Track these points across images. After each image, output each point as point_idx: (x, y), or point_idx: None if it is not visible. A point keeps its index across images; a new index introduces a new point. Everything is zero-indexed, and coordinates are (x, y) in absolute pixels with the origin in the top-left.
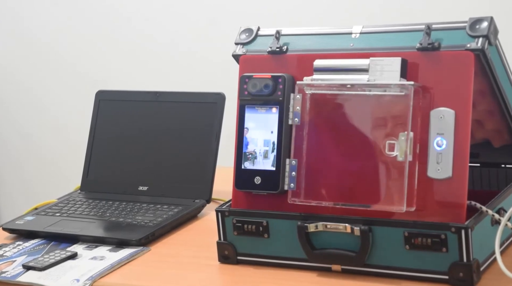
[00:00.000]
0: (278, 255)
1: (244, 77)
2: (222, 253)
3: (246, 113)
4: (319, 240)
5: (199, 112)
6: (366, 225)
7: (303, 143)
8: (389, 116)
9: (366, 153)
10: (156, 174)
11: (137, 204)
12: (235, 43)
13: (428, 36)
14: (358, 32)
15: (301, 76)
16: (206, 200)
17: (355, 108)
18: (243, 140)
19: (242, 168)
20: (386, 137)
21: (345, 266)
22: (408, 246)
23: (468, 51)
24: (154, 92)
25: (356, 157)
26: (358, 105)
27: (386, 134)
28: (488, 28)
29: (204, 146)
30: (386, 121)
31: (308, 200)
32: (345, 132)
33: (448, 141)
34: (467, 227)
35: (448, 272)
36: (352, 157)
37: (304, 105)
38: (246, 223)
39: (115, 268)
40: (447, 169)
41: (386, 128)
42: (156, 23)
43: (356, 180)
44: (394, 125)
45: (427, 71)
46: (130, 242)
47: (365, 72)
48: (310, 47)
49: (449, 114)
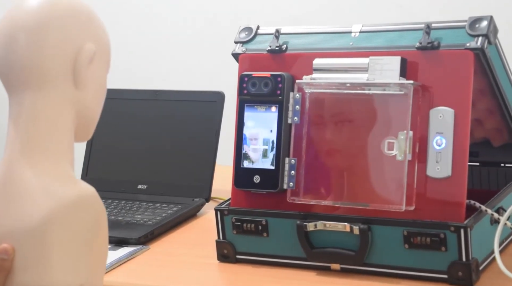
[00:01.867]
0: (277, 254)
1: (244, 76)
2: (221, 252)
3: (246, 112)
4: (318, 239)
5: (199, 111)
6: (365, 224)
7: (303, 142)
8: (389, 115)
9: (366, 152)
10: (155, 172)
11: (136, 203)
12: (234, 42)
13: (427, 35)
14: (358, 31)
15: (301, 75)
16: (205, 198)
17: (355, 107)
18: (242, 139)
19: (242, 167)
20: (385, 136)
21: (344, 265)
22: (407, 245)
23: (467, 50)
24: (154, 91)
25: (355, 156)
26: (357, 104)
27: (385, 133)
28: (487, 27)
29: (204, 145)
30: (386, 120)
31: (307, 199)
32: (344, 131)
33: (448, 141)
34: (466, 226)
35: (447, 271)
36: (351, 156)
37: (303, 104)
38: (245, 222)
39: (114, 267)
40: (447, 168)
41: (385, 127)
42: (156, 21)
43: (355, 179)
44: (393, 124)
45: (427, 70)
46: (129, 241)
47: (364, 71)
48: (309, 46)
49: (448, 114)
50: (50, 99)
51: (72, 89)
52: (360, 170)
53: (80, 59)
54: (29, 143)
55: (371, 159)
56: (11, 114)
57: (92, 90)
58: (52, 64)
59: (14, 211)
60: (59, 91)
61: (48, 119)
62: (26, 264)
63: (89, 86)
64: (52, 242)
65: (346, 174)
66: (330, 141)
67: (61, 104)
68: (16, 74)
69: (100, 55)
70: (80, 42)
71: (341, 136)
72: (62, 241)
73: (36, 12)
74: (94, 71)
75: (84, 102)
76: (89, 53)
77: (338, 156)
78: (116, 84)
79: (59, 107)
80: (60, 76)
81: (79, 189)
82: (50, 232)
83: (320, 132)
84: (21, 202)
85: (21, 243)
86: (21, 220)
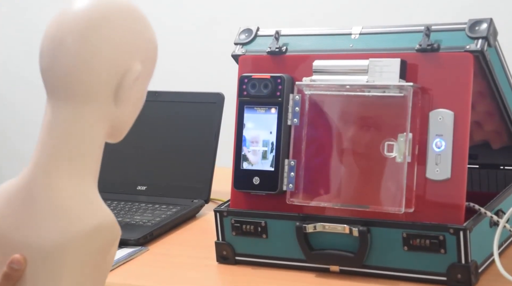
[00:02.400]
0: (276, 256)
1: (243, 77)
2: (221, 253)
3: (245, 114)
4: (318, 241)
5: (198, 112)
6: (365, 226)
7: (302, 144)
8: (388, 117)
9: (365, 154)
10: (154, 173)
11: (136, 204)
12: (234, 43)
13: (427, 37)
14: (358, 33)
15: (300, 77)
16: (204, 200)
17: (354, 109)
18: (242, 140)
19: (241, 168)
20: (385, 138)
21: (343, 267)
22: (406, 247)
23: (467, 52)
24: (154, 92)
25: (354, 157)
26: (357, 106)
27: (385, 135)
28: (487, 29)
29: (203, 146)
30: (385, 122)
31: (306, 201)
32: (344, 133)
33: (447, 143)
34: (465, 228)
35: (446, 274)
36: (351, 157)
37: (303, 106)
38: (245, 223)
39: (114, 268)
40: (446, 170)
41: (385, 129)
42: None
43: (354, 181)
44: (393, 127)
45: (426, 72)
46: (128, 242)
47: (364, 73)
48: (309, 48)
49: (448, 116)
50: (88, 115)
51: (111, 106)
52: (360, 171)
53: (127, 80)
54: (58, 157)
55: (370, 160)
56: (46, 121)
57: (131, 106)
58: (97, 79)
59: (34, 225)
60: (99, 108)
61: (81, 135)
62: (35, 280)
63: (129, 103)
64: (65, 266)
65: (345, 175)
66: (329, 143)
67: (98, 121)
68: (57, 82)
69: (145, 71)
70: (129, 60)
71: (341, 138)
72: (75, 266)
73: (87, 14)
74: (137, 89)
75: (121, 117)
76: (136, 74)
77: (337, 158)
78: None
79: (95, 124)
80: (103, 92)
81: (100, 216)
82: (65, 256)
83: (320, 134)
84: (42, 219)
85: (35, 259)
86: (38, 237)
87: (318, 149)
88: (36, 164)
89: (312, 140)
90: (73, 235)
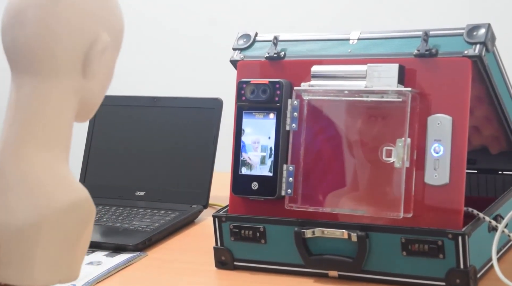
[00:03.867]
0: (275, 261)
1: (242, 82)
2: (219, 258)
3: (244, 119)
4: (316, 246)
5: (197, 117)
6: (363, 231)
7: (301, 149)
8: (387, 123)
9: (363, 159)
10: (153, 179)
11: (134, 209)
12: (232, 48)
13: (425, 43)
14: (356, 38)
15: (299, 82)
16: (203, 205)
17: (353, 115)
18: (240, 145)
19: (240, 173)
20: (383, 144)
21: (342, 272)
22: (405, 252)
23: (465, 57)
24: (152, 98)
25: (353, 163)
26: (355, 112)
27: (383, 141)
28: (485, 35)
29: (202, 151)
30: (383, 127)
31: (305, 206)
32: (342, 138)
33: (445, 148)
34: (464, 233)
35: (445, 279)
36: (349, 162)
37: (301, 111)
38: (243, 229)
39: (112, 273)
40: (444, 175)
41: (383, 135)
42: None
43: (353, 186)
44: (391, 132)
45: (425, 77)
46: (127, 247)
47: (362, 78)
48: (307, 53)
49: (446, 121)
50: (55, 88)
51: (79, 79)
52: (358, 177)
53: (94, 51)
54: (27, 133)
55: (369, 166)
56: (12, 98)
57: (99, 79)
58: (63, 48)
59: (5, 203)
60: (66, 81)
61: (50, 109)
62: (10, 259)
63: (97, 76)
64: (38, 243)
65: (343, 180)
66: (328, 148)
67: (66, 94)
68: (21, 55)
69: (113, 43)
70: (95, 30)
71: (339, 143)
72: (48, 243)
73: None
74: (104, 61)
75: (90, 91)
76: (104, 45)
77: (336, 163)
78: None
79: (63, 97)
80: (69, 64)
81: (73, 192)
82: (38, 233)
83: (318, 139)
84: (13, 196)
85: (8, 237)
86: (10, 215)
87: (317, 154)
88: (5, 142)
89: (310, 145)
90: (46, 212)
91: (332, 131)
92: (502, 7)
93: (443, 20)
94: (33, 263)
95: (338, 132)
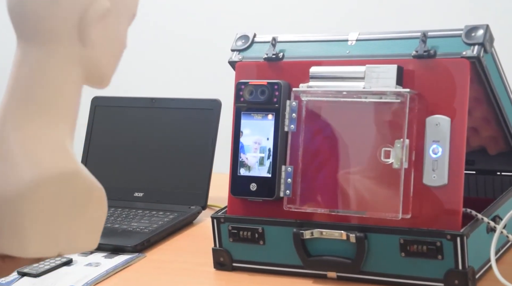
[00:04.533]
0: (273, 262)
1: (240, 83)
2: (218, 259)
3: (242, 120)
4: (315, 247)
5: (195, 118)
6: (362, 232)
7: (299, 150)
8: (385, 124)
9: (362, 160)
10: (151, 180)
11: (133, 210)
12: (231, 49)
13: (424, 44)
14: (354, 39)
15: (297, 83)
16: (201, 206)
17: (351, 116)
18: (239, 146)
19: (238, 175)
20: (381, 145)
21: (341, 273)
22: (403, 253)
23: (464, 58)
24: (150, 99)
25: (351, 164)
26: (354, 113)
27: (381, 142)
28: (484, 36)
29: (200, 152)
30: (382, 128)
31: (303, 207)
32: (341, 139)
33: (444, 149)
34: (462, 234)
35: (444, 280)
36: (348, 164)
37: (300, 112)
38: (242, 230)
39: (110, 275)
40: (443, 176)
41: (382, 136)
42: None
43: (351, 187)
44: (389, 133)
45: (423, 78)
46: (125, 249)
47: (361, 79)
48: (306, 54)
49: (445, 122)
50: (53, 57)
51: (78, 47)
52: (357, 178)
53: (87, 17)
54: (25, 102)
55: (367, 167)
56: (15, 64)
57: (102, 48)
58: (58, 12)
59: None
60: (64, 48)
61: (50, 78)
62: (1, 229)
63: (99, 44)
64: (27, 213)
65: (342, 181)
66: (326, 149)
67: (65, 63)
68: (24, 23)
69: (118, 8)
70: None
71: (338, 144)
72: (38, 214)
73: None
74: (107, 28)
75: (93, 59)
76: (101, 10)
77: (334, 164)
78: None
79: (63, 65)
80: (65, 29)
81: (61, 163)
82: (27, 203)
83: (317, 140)
84: (4, 166)
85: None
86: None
87: (315, 155)
88: (4, 109)
89: (309, 146)
90: (36, 181)
91: (330, 132)
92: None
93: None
94: (24, 233)
95: (336, 133)
